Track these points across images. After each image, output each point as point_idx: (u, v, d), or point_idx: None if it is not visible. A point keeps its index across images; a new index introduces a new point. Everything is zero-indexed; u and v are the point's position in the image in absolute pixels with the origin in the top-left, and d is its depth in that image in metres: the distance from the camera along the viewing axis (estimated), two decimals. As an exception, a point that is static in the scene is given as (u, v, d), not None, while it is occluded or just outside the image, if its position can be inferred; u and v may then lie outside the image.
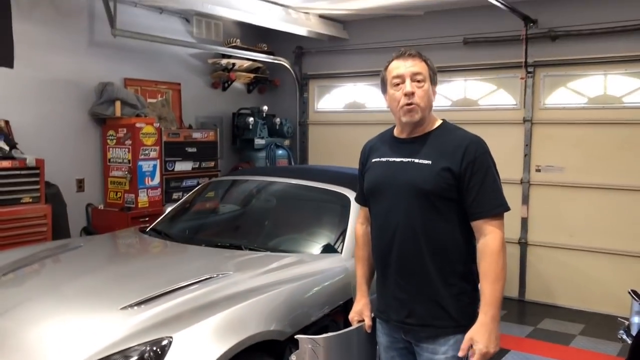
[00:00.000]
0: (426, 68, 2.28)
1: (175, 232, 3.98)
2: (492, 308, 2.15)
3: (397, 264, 2.29)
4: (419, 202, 2.22)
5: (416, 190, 2.22)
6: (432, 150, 2.26)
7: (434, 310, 2.25)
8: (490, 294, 2.16)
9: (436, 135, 2.32)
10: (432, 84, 2.30)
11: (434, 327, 2.25)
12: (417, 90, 2.24)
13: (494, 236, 2.18)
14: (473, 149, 2.22)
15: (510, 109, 6.08)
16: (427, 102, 2.28)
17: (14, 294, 2.94)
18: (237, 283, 2.86)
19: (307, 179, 4.06)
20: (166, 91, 6.30)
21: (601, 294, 5.63)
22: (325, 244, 3.56)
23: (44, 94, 5.10)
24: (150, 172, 5.52)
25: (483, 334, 2.14)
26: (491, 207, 2.20)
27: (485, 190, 2.20)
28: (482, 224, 2.20)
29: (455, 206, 2.24)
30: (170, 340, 2.32)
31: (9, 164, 4.35)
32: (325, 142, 7.33)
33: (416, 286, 2.27)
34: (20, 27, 4.89)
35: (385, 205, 2.33)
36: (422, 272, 2.25)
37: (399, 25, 6.50)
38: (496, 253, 2.17)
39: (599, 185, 5.62)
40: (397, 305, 2.32)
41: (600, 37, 5.51)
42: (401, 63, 2.27)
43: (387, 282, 2.35)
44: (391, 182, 2.30)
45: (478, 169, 2.20)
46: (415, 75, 2.24)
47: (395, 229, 2.28)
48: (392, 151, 2.36)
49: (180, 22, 6.38)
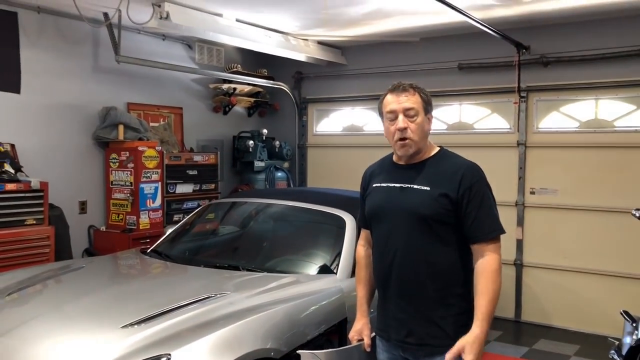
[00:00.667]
0: (419, 101, 2.39)
1: (176, 253, 4.07)
2: (485, 323, 2.26)
3: (397, 285, 2.39)
4: (418, 226, 2.33)
5: (415, 215, 2.33)
6: (430, 176, 2.37)
7: (432, 330, 2.34)
8: (485, 310, 2.27)
9: (433, 162, 2.43)
10: (426, 114, 2.41)
11: (432, 346, 2.34)
12: (410, 125, 2.35)
13: (491, 257, 2.30)
14: (469, 175, 2.33)
15: (504, 133, 6.20)
16: (421, 134, 2.38)
17: (18, 313, 3.02)
18: (235, 302, 2.95)
19: (304, 201, 4.16)
20: (168, 115, 6.44)
21: (596, 314, 5.69)
22: (321, 264, 3.65)
23: (49, 118, 5.24)
24: (151, 194, 5.63)
25: (475, 347, 2.23)
26: (488, 231, 2.31)
27: (482, 215, 2.31)
28: (479, 247, 2.32)
29: (453, 230, 2.34)
30: (169, 358, 2.40)
31: (14, 187, 4.46)
32: (323, 165, 7.45)
33: (415, 307, 2.36)
34: (27, 54, 5.05)
35: (386, 229, 2.43)
36: (421, 293, 2.35)
37: (396, 51, 6.66)
38: (493, 272, 2.28)
39: (592, 207, 5.71)
40: (396, 325, 2.41)
41: (591, 63, 5.65)
42: (394, 98, 2.38)
43: (388, 302, 2.45)
44: (391, 206, 2.41)
45: (475, 195, 2.31)
46: (407, 110, 2.36)
47: (395, 251, 2.38)
48: (392, 177, 2.47)
49: (182, 48, 6.55)
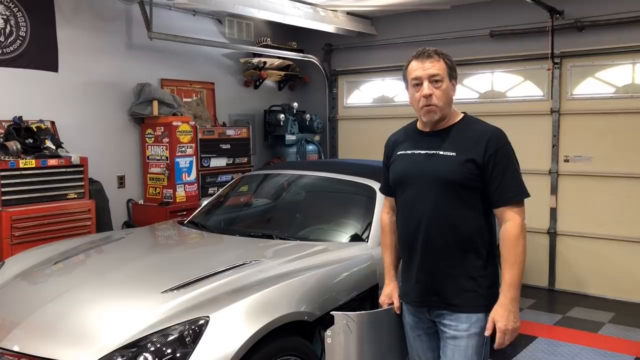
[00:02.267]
0: (444, 67, 2.39)
1: (211, 223, 4.17)
2: (511, 290, 2.31)
3: (423, 249, 2.44)
4: (444, 191, 2.37)
5: (442, 180, 2.37)
6: (455, 142, 2.40)
7: (457, 291, 2.39)
8: (510, 277, 2.31)
9: (458, 128, 2.45)
10: (450, 80, 2.42)
11: (457, 307, 2.39)
12: (435, 91, 2.36)
13: (513, 223, 2.33)
14: (495, 141, 2.36)
15: (537, 100, 6.11)
16: (446, 100, 2.40)
17: (63, 281, 3.19)
18: (269, 269, 3.04)
19: (335, 172, 4.22)
20: (200, 90, 6.54)
21: (631, 282, 5.64)
22: (353, 233, 3.71)
23: (86, 95, 5.38)
24: (187, 168, 5.76)
25: (502, 314, 2.30)
26: (513, 195, 2.35)
27: (507, 180, 2.34)
28: (503, 210, 2.36)
29: (479, 195, 2.38)
30: (207, 320, 2.51)
31: (55, 162, 4.63)
32: (354, 137, 7.47)
33: (441, 269, 2.41)
34: (64, 33, 5.18)
35: (412, 195, 2.47)
36: (447, 256, 2.40)
37: (426, 20, 6.59)
38: (515, 238, 2.32)
39: (628, 175, 5.62)
40: (421, 288, 2.47)
41: (628, 26, 5.50)
42: (419, 65, 2.39)
43: (413, 267, 2.50)
44: (417, 173, 2.45)
45: (500, 160, 2.34)
46: (432, 77, 2.36)
47: (422, 217, 2.42)
48: (417, 144, 2.50)
49: (212, 23, 6.60)
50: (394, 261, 2.73)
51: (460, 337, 2.38)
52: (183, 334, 2.46)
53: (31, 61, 4.96)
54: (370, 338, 2.66)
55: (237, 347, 2.46)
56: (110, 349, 2.45)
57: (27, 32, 4.92)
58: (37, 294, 3.03)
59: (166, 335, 2.47)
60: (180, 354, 2.41)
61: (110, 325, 2.60)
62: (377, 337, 2.69)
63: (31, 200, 4.50)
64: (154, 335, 2.48)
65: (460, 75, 6.36)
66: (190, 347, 2.42)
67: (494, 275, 2.42)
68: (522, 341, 4.64)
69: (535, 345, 4.57)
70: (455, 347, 2.39)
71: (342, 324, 2.56)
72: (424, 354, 2.57)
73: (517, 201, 2.35)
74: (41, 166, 4.53)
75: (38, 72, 5.01)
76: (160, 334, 2.48)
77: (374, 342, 2.68)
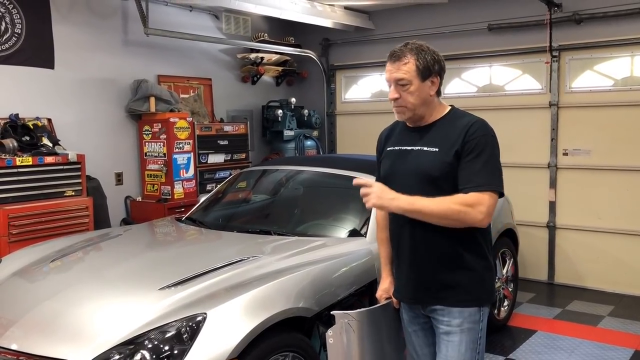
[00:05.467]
0: (412, 68, 2.32)
1: (209, 220, 4.17)
2: (409, 202, 2.23)
3: (411, 246, 2.42)
4: (428, 187, 2.33)
5: (425, 176, 2.35)
6: (439, 138, 2.37)
7: (448, 286, 2.37)
8: (420, 202, 2.22)
9: (443, 123, 2.42)
10: (425, 79, 2.34)
11: (448, 302, 2.38)
12: (402, 94, 2.35)
13: (474, 197, 2.21)
14: (474, 129, 2.31)
15: (536, 94, 6.09)
16: (417, 100, 2.35)
17: (61, 278, 3.19)
18: (267, 265, 3.04)
19: (333, 167, 4.20)
20: (198, 86, 6.51)
21: (630, 275, 5.64)
22: (351, 228, 3.71)
23: (83, 92, 5.36)
24: (184, 164, 5.74)
25: (385, 190, 2.25)
26: (481, 183, 2.23)
27: (477, 166, 2.25)
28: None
29: None
30: (205, 317, 2.50)
31: (52, 160, 4.61)
32: (353, 132, 7.45)
33: (430, 265, 2.39)
34: (60, 30, 5.15)
35: (398, 192, 2.43)
36: (435, 251, 2.37)
37: (424, 14, 6.55)
38: (461, 203, 2.20)
39: (626, 167, 5.61)
40: (412, 285, 2.46)
41: (626, 19, 5.48)
42: (389, 67, 2.37)
43: (402, 263, 2.50)
44: (402, 169, 2.44)
45: (475, 146, 2.27)
46: (398, 80, 2.34)
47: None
48: (402, 140, 2.50)
49: (209, 19, 6.58)
50: (390, 256, 2.70)
51: (453, 332, 2.37)
52: (180, 331, 2.46)
53: (27, 58, 4.93)
54: (371, 334, 2.65)
55: (234, 344, 2.46)
56: (107, 346, 2.44)
57: (22, 29, 4.89)
58: (34, 291, 3.03)
59: (164, 332, 2.47)
60: (178, 351, 2.40)
61: (107, 322, 2.60)
62: (377, 332, 2.68)
63: (28, 198, 4.48)
64: (151, 332, 2.48)
65: (458, 69, 6.48)
66: (188, 344, 2.42)
67: (485, 269, 2.40)
68: (521, 335, 4.65)
69: (535, 339, 4.57)
70: (449, 343, 2.38)
71: (343, 323, 2.54)
72: (420, 349, 2.57)
73: (483, 192, 2.22)
74: (38, 164, 4.51)
75: (34, 69, 4.99)
76: (157, 331, 2.48)
77: (374, 337, 2.67)
